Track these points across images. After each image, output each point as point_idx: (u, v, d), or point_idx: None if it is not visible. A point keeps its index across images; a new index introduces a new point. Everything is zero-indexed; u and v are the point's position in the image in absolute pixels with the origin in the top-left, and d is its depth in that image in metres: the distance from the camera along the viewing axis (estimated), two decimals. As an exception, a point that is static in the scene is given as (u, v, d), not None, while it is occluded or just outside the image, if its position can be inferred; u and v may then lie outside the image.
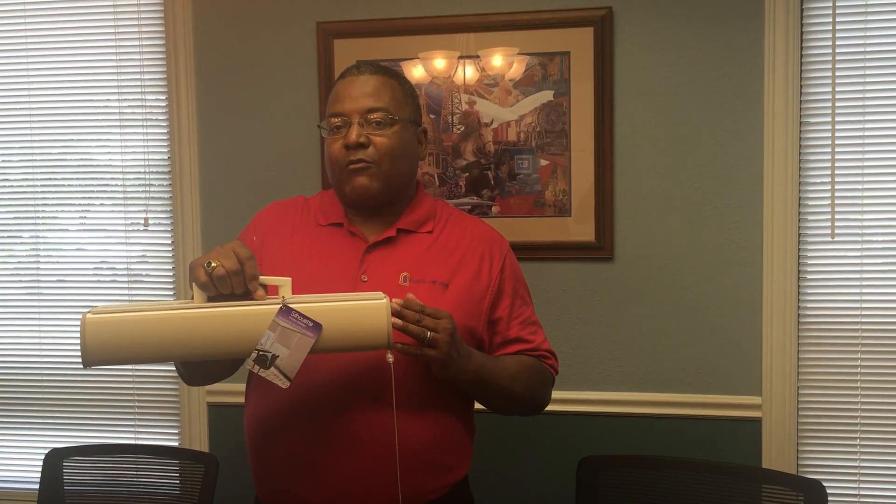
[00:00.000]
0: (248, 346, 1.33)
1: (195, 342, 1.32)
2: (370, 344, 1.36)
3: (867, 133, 2.21)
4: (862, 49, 2.20)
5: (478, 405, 1.67)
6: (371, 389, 1.49)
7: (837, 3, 2.19)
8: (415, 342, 1.41)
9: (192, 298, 1.37)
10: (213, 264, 1.32)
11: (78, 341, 2.80)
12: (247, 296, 1.35)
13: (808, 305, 2.25)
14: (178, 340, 1.32)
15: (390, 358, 1.38)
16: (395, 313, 1.39)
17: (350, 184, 1.57)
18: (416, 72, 2.34)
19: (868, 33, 2.19)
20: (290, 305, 1.33)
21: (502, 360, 1.59)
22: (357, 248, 1.58)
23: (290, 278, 1.38)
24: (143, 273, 2.58)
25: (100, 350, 1.31)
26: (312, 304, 1.34)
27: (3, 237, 2.66)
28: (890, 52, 2.19)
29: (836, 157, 2.21)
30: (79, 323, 2.68)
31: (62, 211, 2.62)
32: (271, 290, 1.39)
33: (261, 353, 1.32)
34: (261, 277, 1.37)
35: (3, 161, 2.64)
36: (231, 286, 1.33)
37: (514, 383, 1.58)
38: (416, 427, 1.50)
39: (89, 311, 1.33)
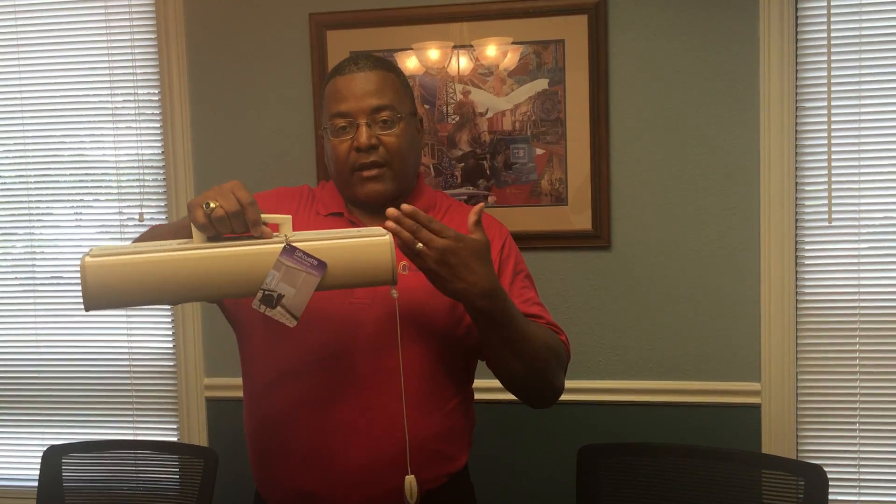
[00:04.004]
0: (253, 286, 1.31)
1: (199, 283, 1.31)
2: (374, 280, 1.35)
3: (863, 118, 2.20)
4: (857, 33, 2.19)
5: (478, 395, 1.67)
6: (376, 380, 1.49)
7: (832, -12, 2.19)
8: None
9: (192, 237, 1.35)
10: (213, 205, 1.30)
11: (74, 336, 2.76)
12: (245, 233, 1.33)
13: (806, 291, 2.25)
14: (181, 282, 1.30)
15: (394, 293, 1.38)
16: (394, 218, 1.36)
17: (363, 188, 1.56)
18: (409, 63, 2.33)
19: (863, 17, 2.18)
20: (294, 244, 1.31)
21: (527, 320, 1.52)
22: None
23: (290, 216, 1.36)
24: (139, 268, 2.56)
25: (101, 294, 1.28)
26: (315, 243, 1.33)
27: (-2, 235, 2.65)
28: (885, 35, 2.19)
29: (833, 141, 2.21)
30: (76, 319, 2.65)
31: (57, 207, 2.61)
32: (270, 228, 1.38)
33: (266, 292, 1.31)
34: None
35: (-3, 158, 2.63)
36: (231, 226, 1.31)
37: (534, 340, 1.49)
38: (418, 417, 1.50)
39: (88, 254, 1.29)
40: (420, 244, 1.36)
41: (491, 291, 1.42)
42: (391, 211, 1.37)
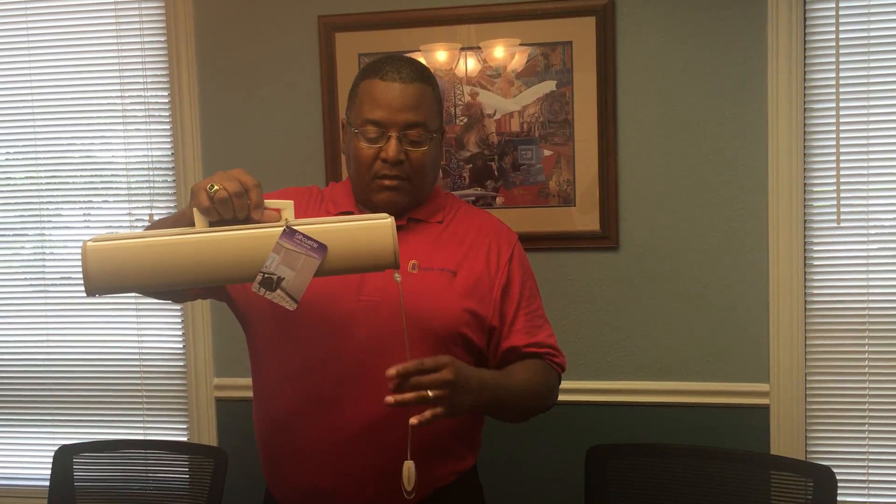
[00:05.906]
0: (253, 269, 1.31)
1: (199, 267, 1.31)
2: (376, 264, 1.35)
3: (871, 119, 2.20)
4: (865, 34, 2.18)
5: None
6: (383, 376, 1.49)
7: (840, -12, 2.18)
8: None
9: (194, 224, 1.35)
10: (216, 187, 1.30)
11: (85, 337, 2.77)
12: (248, 221, 1.34)
13: (815, 292, 2.25)
14: (181, 266, 1.30)
15: (397, 277, 1.38)
16: (395, 388, 1.35)
17: (379, 196, 1.57)
18: (418, 64, 2.33)
19: (871, 18, 2.18)
20: (294, 227, 1.31)
21: (512, 376, 1.57)
22: None
23: (292, 201, 1.36)
24: (149, 269, 2.58)
25: (102, 278, 1.29)
26: (316, 226, 1.33)
27: (9, 236, 2.67)
28: (894, 36, 2.18)
29: (841, 143, 2.21)
30: (86, 321, 2.65)
31: (67, 209, 2.62)
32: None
33: (266, 275, 1.31)
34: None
35: (7, 160, 2.65)
36: (233, 209, 1.31)
37: (527, 397, 1.58)
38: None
39: (90, 240, 1.30)
40: (431, 391, 1.34)
41: (483, 382, 1.46)
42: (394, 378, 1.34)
